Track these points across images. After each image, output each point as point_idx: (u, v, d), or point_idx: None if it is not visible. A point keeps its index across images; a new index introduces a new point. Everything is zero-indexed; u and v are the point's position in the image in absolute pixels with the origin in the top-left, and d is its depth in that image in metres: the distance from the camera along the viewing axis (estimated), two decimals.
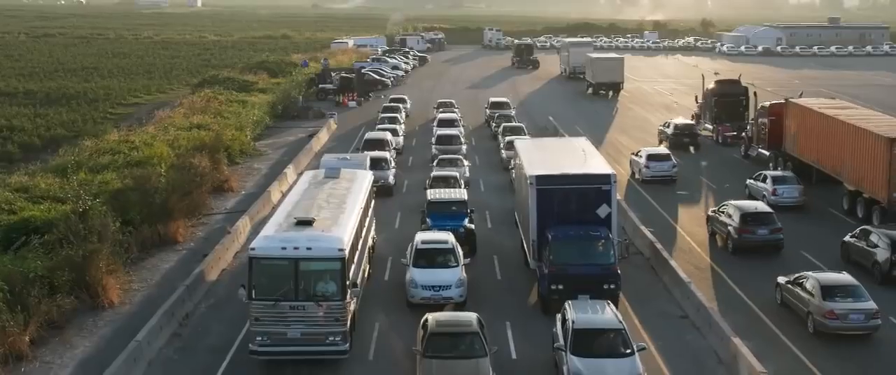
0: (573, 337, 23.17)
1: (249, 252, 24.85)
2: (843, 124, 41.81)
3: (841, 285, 27.48)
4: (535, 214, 29.81)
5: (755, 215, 35.32)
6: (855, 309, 26.54)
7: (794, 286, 28.59)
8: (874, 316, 26.60)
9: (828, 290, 27.04)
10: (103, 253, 29.83)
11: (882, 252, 31.32)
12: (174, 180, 38.92)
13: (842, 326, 26.47)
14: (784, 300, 29.24)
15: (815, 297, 27.10)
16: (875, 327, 26.71)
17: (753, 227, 34.79)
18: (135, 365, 24.21)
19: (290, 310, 24.31)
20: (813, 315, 27.08)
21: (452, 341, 23.71)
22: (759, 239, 34.81)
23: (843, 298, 26.85)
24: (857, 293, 27.09)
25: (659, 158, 48.17)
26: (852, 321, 26.45)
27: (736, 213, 35.40)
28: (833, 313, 26.46)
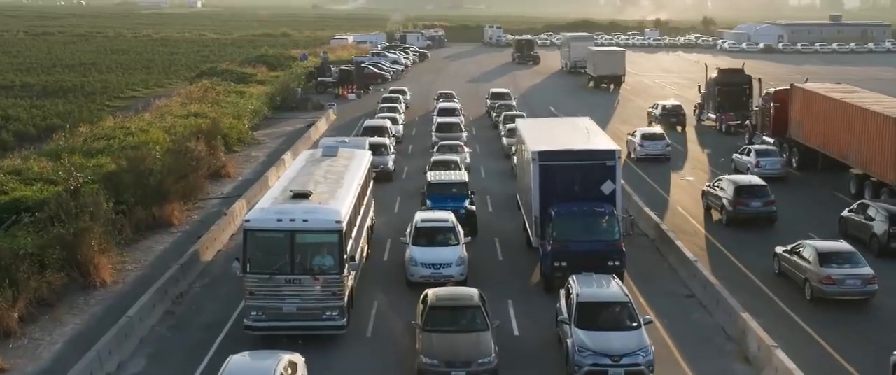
0: (577, 310, 22.48)
1: (244, 223, 24.17)
2: (849, 107, 41.15)
3: (838, 251, 27.68)
4: (537, 191, 29.11)
5: (749, 188, 35.88)
6: (852, 274, 26.67)
7: (791, 254, 28.67)
8: (871, 282, 26.68)
9: (825, 256, 27.16)
10: (95, 232, 29.12)
11: (880, 224, 31.49)
12: (170, 163, 38.19)
13: (839, 291, 26.59)
14: (782, 269, 29.33)
15: (812, 264, 27.22)
16: (872, 292, 26.79)
17: (747, 200, 35.40)
18: (126, 341, 23.52)
19: (286, 284, 23.60)
20: (810, 282, 27.16)
21: (453, 315, 23.03)
22: (752, 211, 35.39)
23: (840, 264, 26.97)
24: (853, 259, 27.24)
25: (653, 138, 50.22)
26: (849, 286, 26.58)
27: (730, 186, 36.02)
28: (830, 278, 26.58)
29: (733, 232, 35.13)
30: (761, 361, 22.40)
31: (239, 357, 20.08)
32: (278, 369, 19.03)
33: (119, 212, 32.88)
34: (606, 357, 21.26)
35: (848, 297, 26.72)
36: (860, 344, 24.29)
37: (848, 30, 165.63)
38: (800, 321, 25.96)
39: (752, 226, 35.48)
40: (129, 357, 23.27)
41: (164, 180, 36.55)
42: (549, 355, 23.48)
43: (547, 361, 23.12)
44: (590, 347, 21.42)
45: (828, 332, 24.98)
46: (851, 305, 26.85)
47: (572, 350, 21.61)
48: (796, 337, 24.49)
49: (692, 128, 62.03)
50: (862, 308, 26.88)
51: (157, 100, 62.21)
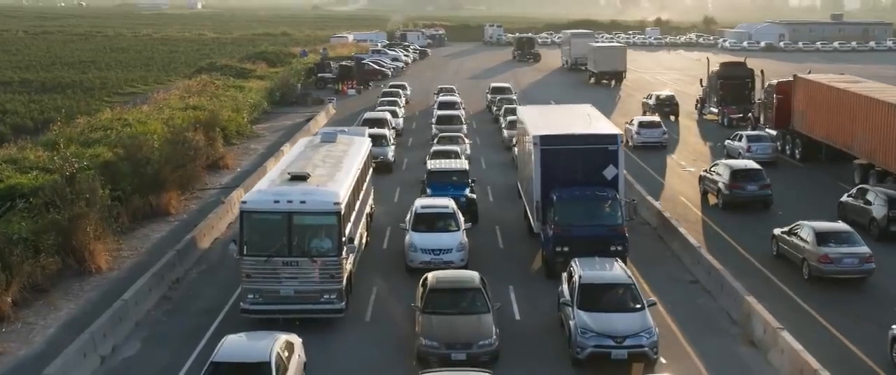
0: (580, 292, 22.07)
1: (241, 205, 23.81)
2: (854, 96, 40.77)
3: (835, 231, 27.98)
4: (539, 176, 28.71)
5: (745, 171, 36.54)
6: (849, 252, 26.87)
7: (789, 235, 28.88)
8: (867, 260, 26.85)
9: (822, 236, 27.43)
10: (91, 218, 28.74)
11: (879, 208, 31.67)
12: (167, 153, 37.78)
13: (836, 270, 26.78)
14: (780, 251, 29.51)
15: (810, 244, 27.45)
16: (869, 271, 26.95)
17: (743, 183, 35.94)
18: (120, 324, 23.13)
19: (283, 267, 23.22)
20: (808, 261, 27.37)
21: (453, 297, 22.64)
22: (748, 194, 35.97)
23: (837, 243, 27.20)
24: (850, 239, 27.46)
25: (650, 126, 51.70)
26: (846, 265, 26.78)
27: (726, 171, 36.66)
28: (827, 257, 26.79)
29: (730, 216, 35.32)
30: (767, 343, 22.04)
31: (234, 336, 19.71)
32: (275, 348, 18.64)
33: (115, 199, 32.47)
34: (609, 338, 20.85)
35: (845, 276, 26.83)
36: (858, 323, 24.26)
37: (849, 29, 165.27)
38: (799, 300, 25.94)
39: (750, 211, 35.85)
40: (124, 340, 22.89)
41: (162, 169, 36.16)
42: (551, 339, 23.09)
43: (549, 345, 22.73)
44: (592, 328, 21.01)
45: (826, 311, 24.98)
46: (849, 285, 26.90)
47: (574, 332, 21.20)
48: (796, 317, 24.21)
49: (694, 122, 61.72)
50: (859, 287, 26.91)
51: (156, 94, 61.80)
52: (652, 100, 64.18)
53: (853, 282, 27.04)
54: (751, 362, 21.71)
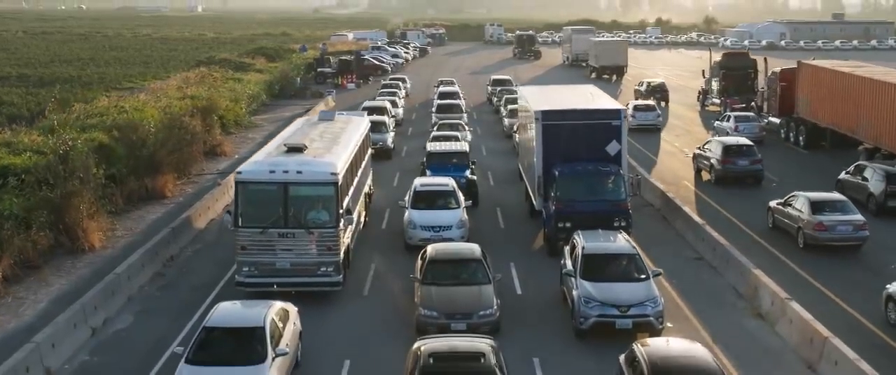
0: (583, 262, 21.53)
1: (235, 175, 23.28)
2: (860, 79, 40.27)
3: (829, 200, 28.45)
4: (540, 152, 28.16)
5: (737, 147, 37.57)
6: (843, 220, 27.24)
7: (784, 206, 29.21)
8: (861, 227, 27.20)
9: (816, 205, 27.88)
10: (84, 196, 28.19)
11: (876, 184, 31.89)
12: (163, 136, 37.23)
13: (830, 237, 27.13)
14: (776, 222, 29.81)
15: (805, 212, 27.80)
16: (863, 238, 27.32)
17: (734, 158, 36.87)
18: (112, 298, 22.59)
19: (279, 239, 22.68)
20: (803, 230, 27.70)
21: (453, 268, 22.11)
22: (739, 169, 36.83)
23: (831, 211, 27.59)
24: (844, 207, 27.89)
25: (645, 109, 53.24)
26: (840, 232, 27.14)
27: (718, 147, 37.71)
28: (822, 225, 27.15)
29: (724, 191, 35.99)
30: (775, 315, 21.52)
31: (228, 303, 19.20)
32: (269, 314, 18.08)
33: (110, 179, 31.93)
34: (614, 307, 20.30)
35: (840, 243, 27.15)
36: (853, 289, 24.18)
37: (850, 28, 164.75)
38: (796, 268, 26.09)
39: (743, 186, 36.69)
40: (116, 313, 22.36)
41: (157, 151, 35.61)
42: (554, 312, 22.58)
43: (551, 317, 22.22)
44: (596, 298, 20.46)
45: (822, 278, 25.14)
46: (844, 253, 27.22)
47: (578, 301, 20.65)
48: (793, 285, 23.77)
49: (697, 112, 61.35)
50: (854, 255, 27.17)
51: (153, 85, 61.27)
52: (643, 86, 66.49)
53: (848, 250, 27.31)
54: (758, 334, 21.19)
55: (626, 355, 16.59)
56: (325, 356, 19.87)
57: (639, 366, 15.56)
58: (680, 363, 15.79)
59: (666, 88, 66.07)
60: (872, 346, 20.09)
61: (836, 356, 18.30)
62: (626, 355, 16.59)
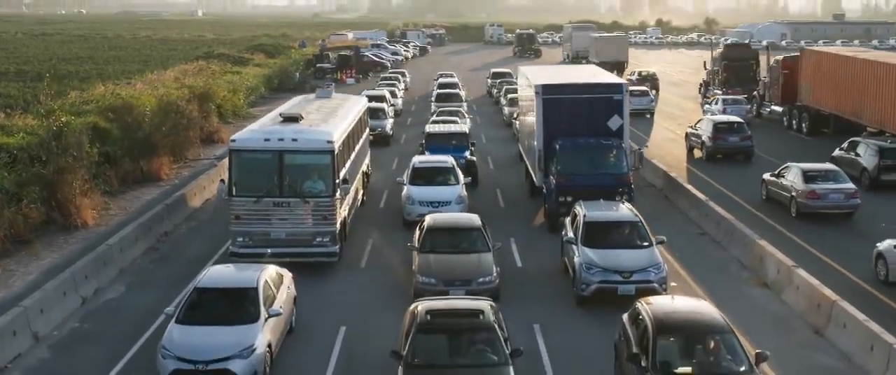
0: (585, 229, 21.07)
1: (230, 143, 22.82)
2: (864, 63, 39.90)
3: (821, 170, 29.13)
4: (541, 127, 27.69)
5: (727, 124, 38.90)
6: (834, 188, 27.83)
7: (777, 177, 29.69)
8: (853, 196, 27.77)
9: (809, 174, 28.48)
10: (77, 173, 27.72)
11: (869, 159, 32.37)
12: (159, 119, 36.76)
13: (822, 205, 27.71)
14: (769, 194, 30.32)
15: (798, 182, 28.32)
16: (854, 206, 27.84)
17: (724, 135, 38.02)
18: (104, 268, 22.13)
19: (274, 208, 22.23)
20: (796, 199, 28.16)
21: (452, 237, 21.64)
22: (729, 145, 37.95)
23: (824, 181, 28.19)
24: (836, 176, 28.47)
25: (639, 94, 53.80)
26: (832, 200, 27.72)
27: (708, 124, 39.08)
28: (814, 193, 27.69)
29: (717, 168, 36.82)
30: (781, 284, 21.07)
31: (220, 266, 18.74)
32: (262, 277, 17.62)
33: (104, 159, 31.49)
34: (616, 273, 19.84)
35: (832, 210, 27.75)
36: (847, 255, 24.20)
37: (851, 28, 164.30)
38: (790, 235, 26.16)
39: (734, 163, 37.55)
40: (108, 284, 21.90)
41: (153, 133, 35.15)
42: (554, 283, 22.15)
43: (551, 288, 21.76)
44: (598, 263, 20.00)
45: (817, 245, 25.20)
46: (835, 221, 27.73)
47: (579, 268, 20.18)
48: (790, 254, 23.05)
49: (697, 104, 60.81)
50: (846, 224, 27.62)
51: (151, 75, 60.83)
52: (635, 76, 68.03)
53: (840, 218, 27.87)
54: (764, 302, 20.74)
55: (629, 313, 16.09)
56: (321, 323, 19.41)
57: (642, 322, 15.05)
58: (686, 317, 15.31)
59: (657, 78, 68.15)
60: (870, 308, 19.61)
61: (844, 318, 17.88)
62: (629, 313, 16.09)
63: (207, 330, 16.19)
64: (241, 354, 15.67)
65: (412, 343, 14.88)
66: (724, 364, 14.26)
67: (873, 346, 16.63)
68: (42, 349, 17.97)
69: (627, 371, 15.17)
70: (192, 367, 15.52)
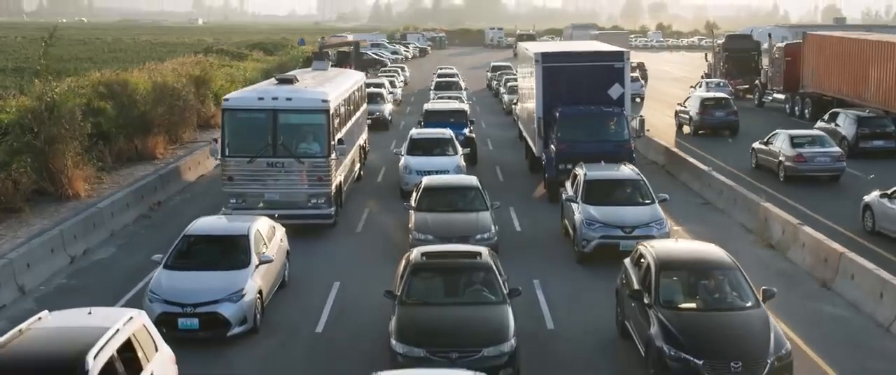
0: (585, 187, 20.63)
1: (223, 103, 22.34)
2: (866, 42, 39.53)
3: (808, 135, 30.32)
4: (541, 96, 27.23)
5: (713, 100, 40.72)
6: (821, 152, 28.68)
7: (766, 144, 30.53)
8: (839, 159, 28.68)
9: (796, 139, 29.47)
10: (69, 144, 27.22)
11: (849, 128, 33.61)
12: (155, 98, 36.30)
13: (810, 168, 28.51)
14: (759, 161, 31.12)
15: (786, 147, 29.15)
16: (840, 169, 28.69)
17: (712, 110, 39.60)
18: (94, 230, 21.68)
19: (268, 169, 21.75)
20: (783, 164, 28.96)
21: (450, 196, 21.19)
22: (716, 120, 39.54)
23: (811, 145, 29.11)
24: (822, 141, 29.48)
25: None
26: (819, 163, 28.56)
27: (696, 101, 40.68)
28: (801, 157, 28.50)
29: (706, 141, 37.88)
30: (786, 243, 20.62)
31: (211, 216, 18.28)
32: (254, 225, 17.15)
33: (99, 135, 30.99)
34: (618, 228, 19.35)
35: (819, 173, 28.60)
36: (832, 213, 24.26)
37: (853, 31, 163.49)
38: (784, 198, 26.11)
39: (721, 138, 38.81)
40: (97, 245, 21.46)
41: (149, 111, 34.68)
42: (553, 245, 21.72)
43: (551, 249, 21.34)
44: (599, 219, 19.52)
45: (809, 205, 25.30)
46: (822, 185, 28.53)
47: (580, 225, 19.70)
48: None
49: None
50: (832, 188, 28.35)
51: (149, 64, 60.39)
52: None
53: (826, 182, 28.71)
54: (770, 261, 20.27)
55: (631, 256, 15.62)
56: (315, 279, 18.94)
57: (645, 262, 14.58)
58: (690, 254, 14.89)
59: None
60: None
61: (852, 269, 17.45)
62: (631, 256, 15.62)
63: (196, 275, 15.73)
64: (231, 298, 15.20)
65: (407, 283, 14.40)
66: (729, 299, 13.78)
67: (882, 293, 16.22)
68: (28, 301, 17.51)
69: (629, 313, 14.71)
70: (180, 310, 15.04)
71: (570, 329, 16.04)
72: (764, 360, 12.36)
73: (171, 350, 12.26)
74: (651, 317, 13.32)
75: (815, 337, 15.49)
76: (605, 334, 15.72)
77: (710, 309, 13.56)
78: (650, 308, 13.48)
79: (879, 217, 21.80)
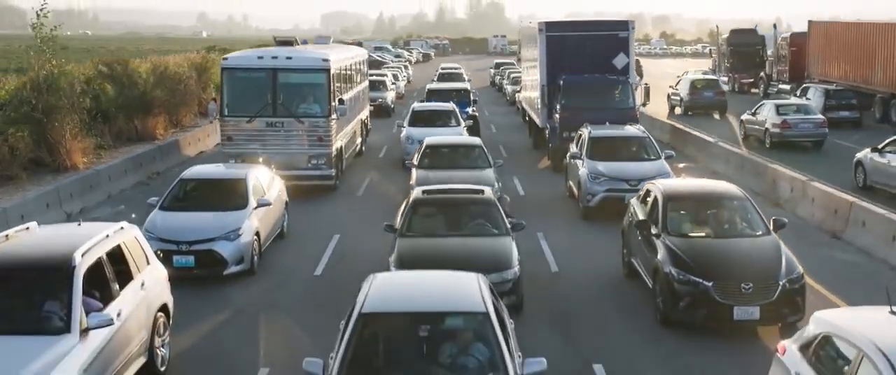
0: (591, 144, 20.31)
1: (222, 62, 22.05)
2: (872, 26, 39.20)
3: (792, 104, 32.58)
4: (544, 66, 26.88)
5: (703, 81, 43.18)
6: (805, 119, 30.29)
7: (754, 115, 32.15)
8: (822, 126, 30.12)
9: (781, 107, 31.34)
10: (68, 116, 26.89)
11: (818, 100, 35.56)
12: (156, 80, 36.02)
13: (794, 134, 29.96)
14: (747, 132, 32.50)
15: (771, 115, 30.72)
16: (823, 135, 30.06)
17: (701, 91, 41.86)
18: (91, 191, 21.42)
19: (267, 129, 21.43)
20: (769, 131, 30.37)
21: (452, 154, 20.84)
22: (704, 100, 41.75)
23: (795, 112, 30.85)
24: (806, 109, 31.44)
25: None
26: (802, 129, 30.05)
27: (686, 83, 42.90)
28: (786, 123, 29.98)
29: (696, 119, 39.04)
30: (795, 200, 20.33)
31: (209, 164, 17.93)
32: (252, 171, 16.83)
33: (98, 112, 30.70)
34: (623, 182, 18.98)
35: (803, 139, 29.95)
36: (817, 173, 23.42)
37: None
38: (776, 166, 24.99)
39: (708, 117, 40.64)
40: (94, 205, 21.13)
41: (149, 92, 34.38)
42: (558, 206, 21.36)
43: (555, 209, 20.98)
44: (604, 173, 19.16)
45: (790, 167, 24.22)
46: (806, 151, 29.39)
47: (585, 179, 19.36)
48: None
49: None
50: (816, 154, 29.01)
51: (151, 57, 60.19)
52: None
53: (809, 149, 29.66)
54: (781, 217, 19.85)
55: (638, 195, 15.26)
56: (314, 233, 18.59)
57: (652, 195, 14.22)
58: (699, 187, 14.54)
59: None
60: None
61: (863, 216, 17.13)
62: (638, 195, 15.26)
63: (193, 215, 15.41)
64: (227, 236, 14.87)
65: (408, 217, 14.06)
66: (739, 228, 13.44)
67: (895, 237, 15.81)
68: None
69: (635, 249, 14.34)
70: (175, 248, 14.69)
71: (575, 272, 15.68)
72: (775, 282, 11.98)
73: (165, 270, 11.91)
74: (658, 246, 12.95)
75: (827, 279, 15.11)
76: (610, 277, 15.35)
77: (720, 237, 13.19)
78: (657, 237, 13.11)
79: (870, 172, 22.38)
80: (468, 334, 8.33)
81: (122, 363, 9.76)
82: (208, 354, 12.05)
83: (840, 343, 7.74)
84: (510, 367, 7.91)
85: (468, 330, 8.35)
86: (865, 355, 7.20)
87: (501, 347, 8.05)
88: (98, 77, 34.32)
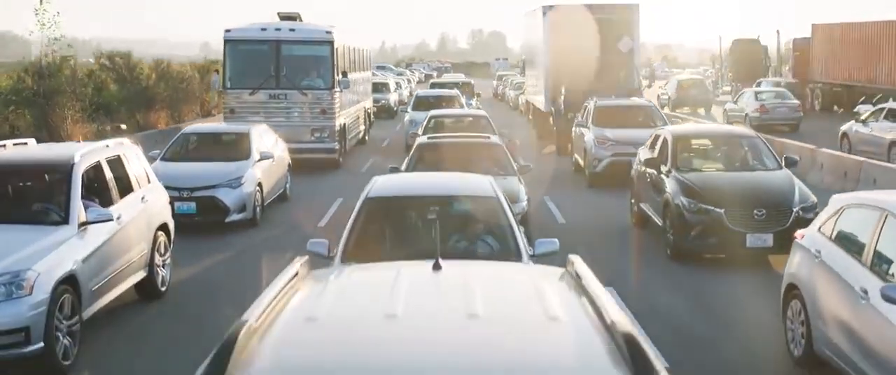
0: (596, 112, 20.07)
1: (224, 34, 21.89)
2: (875, 25, 39.08)
3: (771, 91, 34.75)
4: (548, 48, 26.72)
5: (689, 81, 47.26)
6: (781, 103, 32.59)
7: (736, 103, 34.84)
8: (797, 110, 32.48)
9: (760, 94, 33.81)
10: (70, 101, 26.76)
11: None
12: (158, 76, 35.93)
13: (771, 117, 31.99)
14: (729, 120, 33.71)
15: (751, 101, 33.04)
16: (798, 118, 32.24)
17: (687, 90, 45.45)
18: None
19: (270, 100, 21.25)
20: (749, 115, 32.14)
21: (457, 123, 20.71)
22: (691, 98, 45.16)
23: (771, 97, 33.19)
24: (783, 95, 33.58)
25: None
26: (779, 113, 32.25)
27: (674, 83, 46.71)
28: (764, 107, 32.15)
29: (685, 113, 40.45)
30: (803, 170, 19.93)
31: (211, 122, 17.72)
32: (256, 127, 16.65)
33: (100, 105, 30.58)
34: (630, 145, 18.70)
35: (780, 122, 31.74)
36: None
37: None
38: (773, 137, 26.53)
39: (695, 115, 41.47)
40: None
41: (151, 87, 34.26)
42: (564, 177, 21.18)
43: (562, 180, 20.77)
44: (610, 138, 18.96)
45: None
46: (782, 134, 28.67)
47: (591, 145, 19.16)
48: None
49: None
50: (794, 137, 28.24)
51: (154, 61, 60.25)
52: None
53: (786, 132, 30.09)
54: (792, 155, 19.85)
55: (647, 142, 15.05)
56: (318, 197, 18.36)
57: (660, 139, 14.01)
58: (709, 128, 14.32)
59: None
60: None
61: (874, 173, 16.94)
62: (647, 142, 15.05)
63: (195, 165, 15.24)
64: (230, 184, 14.68)
65: (412, 161, 13.85)
66: (750, 163, 13.23)
67: None
68: None
69: (644, 193, 14.12)
70: (176, 194, 14.44)
71: (582, 224, 15.44)
72: (789, 208, 11.74)
73: (166, 193, 11.71)
74: (668, 182, 12.72)
75: None
76: (619, 226, 15.14)
77: (731, 171, 12.99)
78: (667, 175, 12.88)
79: (855, 141, 23.38)
80: (478, 216, 8.09)
81: (122, 266, 9.56)
82: (210, 283, 11.83)
83: (861, 211, 7.54)
84: (522, 246, 7.67)
85: (478, 213, 8.11)
86: (889, 213, 6.98)
87: (512, 227, 7.81)
88: (101, 70, 34.26)
